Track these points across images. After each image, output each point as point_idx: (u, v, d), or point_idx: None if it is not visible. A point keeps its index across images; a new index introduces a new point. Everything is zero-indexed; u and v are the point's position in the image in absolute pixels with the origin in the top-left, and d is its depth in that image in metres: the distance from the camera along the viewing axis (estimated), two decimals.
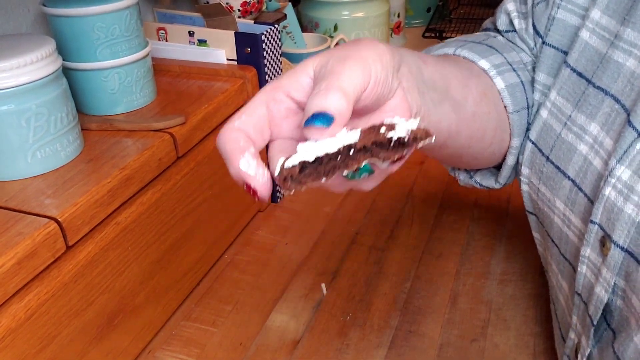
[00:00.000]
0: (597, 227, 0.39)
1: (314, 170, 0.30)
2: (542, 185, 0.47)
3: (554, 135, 0.46)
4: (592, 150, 0.42)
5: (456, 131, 0.46)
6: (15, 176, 0.51)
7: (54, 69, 0.50)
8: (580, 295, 0.42)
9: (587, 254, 0.40)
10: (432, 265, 0.66)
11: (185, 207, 0.60)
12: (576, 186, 0.43)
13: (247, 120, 0.34)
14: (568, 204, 0.44)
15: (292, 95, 0.34)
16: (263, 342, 0.58)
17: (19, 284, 0.43)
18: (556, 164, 0.45)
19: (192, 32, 0.73)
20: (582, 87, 0.44)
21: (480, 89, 0.49)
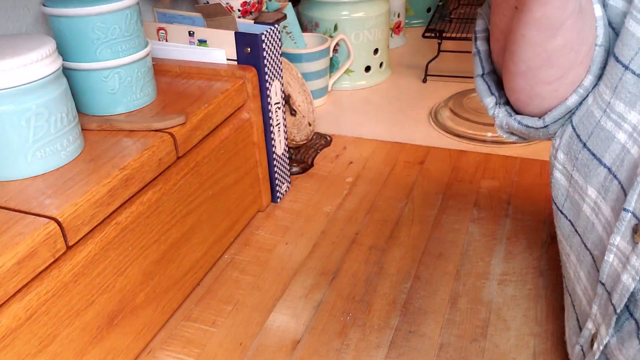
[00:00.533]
0: (630, 215, 0.39)
1: None
2: (575, 171, 0.47)
3: (593, 121, 0.45)
4: (631, 139, 0.41)
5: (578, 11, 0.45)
6: (15, 176, 0.51)
7: (54, 69, 0.50)
8: (604, 284, 0.42)
9: (617, 242, 0.41)
10: (432, 266, 0.66)
11: (185, 207, 0.60)
12: (611, 174, 0.43)
13: None
14: (601, 191, 0.44)
15: None
16: (263, 342, 0.58)
17: (19, 284, 0.43)
18: (593, 151, 0.45)
19: (192, 32, 0.73)
20: (619, 73, 0.43)
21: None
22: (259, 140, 0.73)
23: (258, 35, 0.68)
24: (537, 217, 0.72)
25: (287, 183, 0.81)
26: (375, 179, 0.83)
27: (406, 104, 1.05)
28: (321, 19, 1.07)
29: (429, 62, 1.13)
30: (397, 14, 1.25)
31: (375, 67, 1.13)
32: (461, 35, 1.16)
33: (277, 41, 0.72)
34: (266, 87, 0.71)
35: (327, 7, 1.06)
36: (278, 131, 0.76)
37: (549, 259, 0.66)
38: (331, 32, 1.07)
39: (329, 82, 1.08)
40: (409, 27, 1.39)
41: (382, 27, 1.10)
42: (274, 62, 0.72)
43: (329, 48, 1.02)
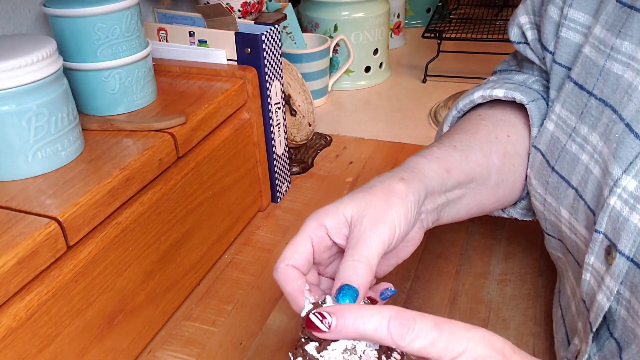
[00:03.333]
0: (602, 236, 0.40)
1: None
2: (548, 195, 0.48)
3: (559, 146, 0.47)
4: (592, 160, 0.42)
5: (479, 207, 0.52)
6: (16, 176, 0.51)
7: (55, 69, 0.51)
8: (584, 302, 0.43)
9: (592, 262, 0.41)
10: (432, 265, 0.66)
11: (185, 207, 0.60)
12: (578, 195, 0.44)
13: (298, 257, 0.41)
14: (572, 212, 0.45)
15: (331, 236, 0.42)
16: (263, 342, 0.58)
17: (19, 284, 0.43)
18: (560, 173, 0.46)
19: (193, 32, 0.73)
20: (584, 99, 0.45)
21: (501, 152, 0.52)
22: (259, 140, 0.73)
23: (258, 35, 0.68)
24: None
25: (287, 183, 0.81)
26: None
27: (406, 104, 1.05)
28: (321, 19, 1.07)
29: (428, 63, 1.13)
30: (396, 14, 1.25)
31: (375, 67, 1.13)
32: (461, 35, 1.16)
33: (277, 41, 0.72)
34: (266, 87, 0.71)
35: (327, 8, 1.06)
36: (278, 131, 0.76)
37: (548, 259, 0.66)
38: (331, 33, 1.07)
39: (329, 82, 1.08)
40: (408, 28, 1.39)
41: (382, 28, 1.10)
42: (274, 62, 0.72)
43: (329, 48, 1.02)
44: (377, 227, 0.40)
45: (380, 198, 0.42)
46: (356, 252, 0.39)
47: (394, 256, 0.46)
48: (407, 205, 0.42)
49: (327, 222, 0.42)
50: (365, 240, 0.39)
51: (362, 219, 0.41)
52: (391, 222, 0.41)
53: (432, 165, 0.47)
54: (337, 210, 0.42)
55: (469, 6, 1.43)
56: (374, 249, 0.39)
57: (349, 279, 0.38)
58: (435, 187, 0.46)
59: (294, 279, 0.40)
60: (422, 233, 0.46)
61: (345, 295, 0.37)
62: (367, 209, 0.41)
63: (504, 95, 0.53)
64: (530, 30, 0.54)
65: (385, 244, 0.40)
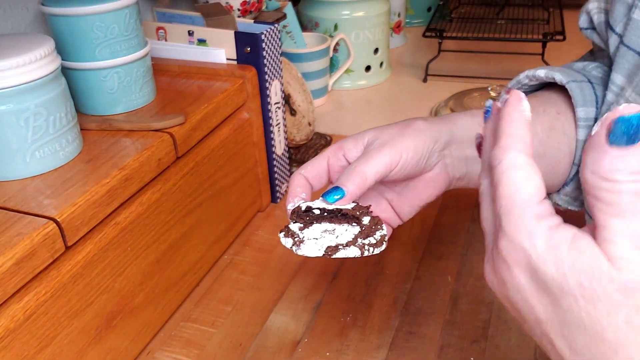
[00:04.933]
0: None
1: (312, 214, 0.43)
2: None
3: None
4: None
5: None
6: (13, 176, 0.51)
7: (53, 68, 0.50)
8: None
9: None
10: (433, 266, 0.66)
11: (184, 207, 0.60)
12: None
13: (311, 169, 0.48)
14: None
15: (347, 156, 0.48)
16: (263, 343, 0.57)
17: (17, 285, 0.42)
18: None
19: (192, 31, 0.73)
20: None
21: (547, 124, 0.51)
22: (259, 140, 0.73)
23: (258, 34, 0.68)
24: None
25: (287, 183, 0.81)
26: None
27: (406, 103, 1.05)
28: (321, 19, 1.07)
29: (429, 62, 1.13)
30: (397, 13, 1.25)
31: (376, 66, 1.12)
32: (462, 34, 1.16)
33: (277, 41, 0.72)
34: (266, 86, 0.71)
35: (327, 7, 1.06)
36: (278, 131, 0.76)
37: None
38: (331, 32, 1.07)
39: (329, 82, 1.08)
40: (409, 27, 1.39)
41: (383, 27, 1.10)
42: (274, 61, 0.72)
43: (329, 47, 1.02)
44: (382, 149, 0.44)
45: (397, 128, 0.46)
46: (355, 163, 0.44)
47: (416, 196, 0.49)
48: (421, 138, 0.45)
49: (345, 145, 0.47)
50: (368, 156, 0.44)
51: (374, 141, 0.46)
52: (398, 147, 0.44)
53: (465, 117, 0.49)
54: (357, 136, 0.48)
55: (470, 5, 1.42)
56: (374, 164, 0.44)
57: (341, 182, 0.43)
58: (463, 136, 0.48)
59: (297, 185, 0.46)
60: (447, 179, 0.48)
61: (332, 193, 0.43)
62: (381, 134, 0.46)
63: (545, 75, 0.52)
64: (597, 14, 0.53)
65: (387, 164, 0.44)
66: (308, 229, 0.43)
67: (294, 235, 0.42)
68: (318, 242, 0.41)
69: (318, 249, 0.41)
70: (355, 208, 0.43)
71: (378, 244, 0.41)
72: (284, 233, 0.43)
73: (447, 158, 0.48)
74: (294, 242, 0.42)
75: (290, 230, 0.43)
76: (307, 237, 0.42)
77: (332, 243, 0.41)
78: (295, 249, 0.42)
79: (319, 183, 0.47)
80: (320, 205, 0.43)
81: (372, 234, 0.42)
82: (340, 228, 0.42)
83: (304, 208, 0.43)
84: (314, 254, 0.41)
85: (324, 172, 0.48)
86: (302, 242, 0.42)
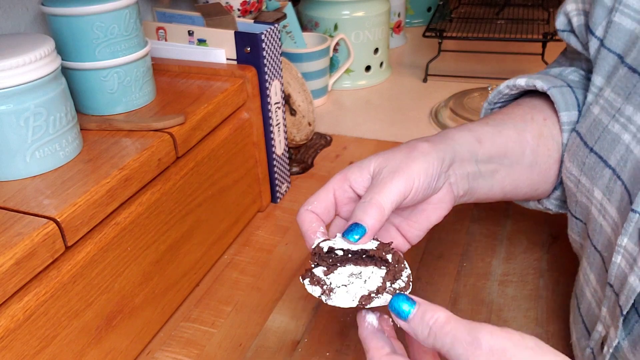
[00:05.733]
0: (638, 216, 0.39)
1: (335, 255, 0.41)
2: (583, 175, 0.48)
3: (601, 127, 0.47)
4: (635, 139, 0.42)
5: (514, 187, 0.52)
6: (13, 176, 0.51)
7: (53, 68, 0.50)
8: (612, 286, 0.42)
9: (624, 244, 0.40)
10: (433, 266, 0.66)
11: (184, 207, 0.60)
12: (615, 174, 0.43)
13: (318, 205, 0.45)
14: (606, 193, 0.44)
15: (354, 188, 0.45)
16: (263, 343, 0.57)
17: (17, 285, 0.42)
18: (599, 153, 0.46)
19: (192, 31, 0.73)
20: (634, 81, 0.44)
21: (536, 132, 0.52)
22: (259, 140, 0.73)
23: (258, 34, 0.68)
24: (538, 218, 0.72)
25: (287, 183, 0.81)
26: None
27: (406, 103, 1.05)
28: (321, 19, 1.07)
29: (429, 62, 1.13)
30: (397, 13, 1.25)
31: (376, 66, 1.12)
32: (462, 34, 1.16)
33: (277, 41, 0.72)
34: (266, 86, 0.71)
35: (327, 7, 1.06)
36: (278, 131, 0.76)
37: (550, 260, 0.66)
38: (331, 32, 1.07)
39: (329, 82, 1.08)
40: (409, 27, 1.39)
41: (383, 27, 1.10)
42: (274, 61, 0.72)
43: (329, 47, 1.02)
44: (394, 176, 0.43)
45: (403, 153, 0.45)
46: (369, 195, 0.42)
47: (425, 219, 0.47)
48: (429, 161, 0.44)
49: (351, 175, 0.45)
50: (381, 186, 0.42)
51: (383, 170, 0.44)
52: (409, 173, 0.43)
53: (462, 133, 0.49)
54: (362, 164, 0.46)
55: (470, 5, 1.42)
56: (388, 194, 0.42)
57: (359, 218, 0.41)
58: (464, 153, 0.48)
59: (310, 221, 0.44)
60: (453, 198, 0.48)
61: (353, 232, 0.40)
62: (388, 161, 0.44)
63: (526, 83, 0.53)
64: (576, 17, 0.54)
65: (402, 192, 0.42)
66: (334, 274, 0.40)
67: (320, 282, 0.39)
68: (349, 291, 0.38)
69: (352, 300, 0.38)
70: (379, 247, 0.41)
71: (406, 287, 0.39)
72: (309, 280, 0.40)
73: (452, 177, 0.47)
74: (323, 291, 0.39)
75: (315, 276, 0.40)
76: (336, 284, 0.39)
77: (363, 290, 0.38)
78: (325, 298, 0.39)
79: (327, 218, 0.45)
80: (342, 245, 0.40)
81: (399, 275, 0.40)
82: (367, 270, 0.40)
83: (326, 249, 0.41)
84: (347, 305, 0.38)
85: (332, 205, 0.46)
86: (331, 291, 0.39)
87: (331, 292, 0.38)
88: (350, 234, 0.40)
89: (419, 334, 0.34)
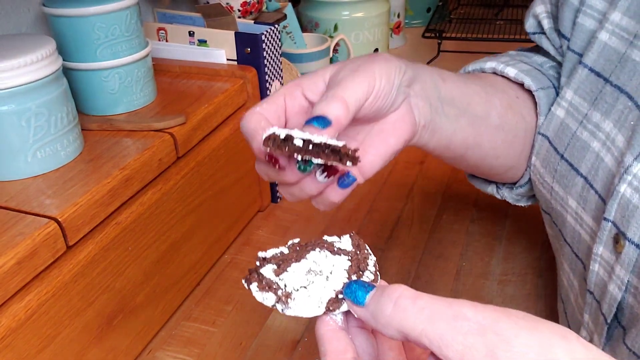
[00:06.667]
0: (610, 225, 0.39)
1: (292, 144, 0.33)
2: (555, 183, 0.47)
3: (569, 133, 0.46)
4: (604, 147, 0.42)
5: (475, 143, 0.49)
6: (15, 176, 0.51)
7: (54, 69, 0.50)
8: (592, 293, 0.42)
9: (600, 252, 0.40)
10: (432, 266, 0.66)
11: (185, 207, 0.60)
12: (588, 183, 0.43)
13: (267, 107, 0.39)
14: (580, 201, 0.44)
15: (306, 94, 0.40)
16: (263, 342, 0.58)
17: (19, 284, 0.43)
18: (570, 161, 0.45)
19: (192, 32, 0.73)
20: (599, 86, 0.44)
21: (505, 102, 0.50)
22: None
23: (258, 35, 0.68)
24: (537, 217, 0.72)
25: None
26: (375, 179, 0.83)
27: None
28: (321, 19, 1.07)
29: (428, 62, 1.13)
30: (396, 14, 1.25)
31: None
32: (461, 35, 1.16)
33: (277, 41, 0.72)
34: (266, 87, 0.71)
35: (327, 7, 1.06)
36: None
37: (549, 259, 0.66)
38: (331, 32, 1.07)
39: None
40: (408, 27, 1.39)
41: (382, 27, 1.10)
42: (274, 62, 0.72)
43: (329, 48, 1.02)
44: (355, 74, 0.38)
45: (363, 58, 0.41)
46: (331, 92, 0.37)
47: (382, 142, 0.41)
48: (390, 66, 0.40)
49: (304, 81, 0.40)
50: (343, 84, 0.37)
51: (340, 72, 0.39)
52: (371, 72, 0.38)
53: (425, 66, 0.46)
54: (316, 72, 0.41)
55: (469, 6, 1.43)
56: (351, 90, 0.37)
57: (322, 111, 0.35)
58: (427, 79, 0.44)
59: (257, 121, 0.38)
60: (413, 123, 0.42)
61: (315, 120, 0.35)
62: (346, 65, 0.40)
63: (514, 76, 0.52)
64: (546, 19, 0.53)
65: (364, 90, 0.37)
66: (287, 273, 0.31)
67: (272, 287, 0.30)
68: (312, 294, 0.30)
69: (317, 306, 0.30)
70: (345, 146, 0.33)
71: (375, 279, 0.31)
72: (257, 284, 0.31)
73: (412, 97, 0.42)
74: (279, 298, 0.30)
75: (264, 278, 0.31)
76: (293, 287, 0.30)
77: (328, 291, 0.30)
78: (282, 308, 0.30)
79: (277, 123, 0.39)
80: (302, 135, 0.33)
81: (364, 265, 0.32)
82: (325, 262, 0.31)
83: (283, 136, 0.33)
84: (312, 314, 0.30)
85: (282, 110, 0.40)
86: (289, 297, 0.30)
87: (289, 299, 0.30)
88: (312, 122, 0.35)
89: (380, 314, 0.26)
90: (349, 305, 0.29)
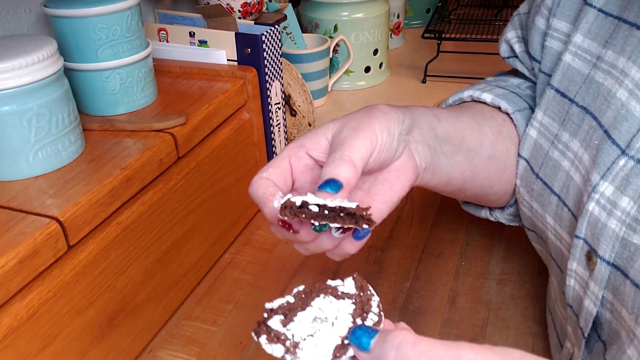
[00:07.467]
0: (582, 242, 0.40)
1: (308, 211, 0.36)
2: (534, 202, 0.49)
3: (542, 153, 0.47)
4: (573, 166, 0.43)
5: (472, 176, 0.50)
6: (16, 176, 0.51)
7: (56, 69, 0.51)
8: (572, 307, 0.43)
9: (574, 268, 0.41)
10: (432, 265, 0.66)
11: (186, 207, 0.61)
12: (561, 201, 0.44)
13: (274, 172, 0.40)
14: (556, 219, 0.45)
15: (311, 154, 0.42)
16: None
17: (20, 284, 0.43)
18: (544, 180, 0.47)
19: (193, 32, 0.73)
20: (565, 107, 0.46)
21: (495, 129, 0.52)
22: (259, 140, 0.73)
23: (258, 35, 0.69)
24: None
25: None
26: None
27: (405, 104, 1.05)
28: (321, 20, 1.07)
29: (428, 63, 1.13)
30: (396, 14, 1.25)
31: (375, 67, 1.13)
32: (460, 36, 1.16)
33: (277, 42, 0.72)
34: (266, 87, 0.71)
35: (327, 8, 1.06)
36: (278, 131, 0.76)
37: None
38: (331, 33, 1.07)
39: (329, 83, 1.08)
40: (408, 28, 1.39)
41: (382, 28, 1.10)
42: (274, 62, 0.72)
43: (328, 48, 1.02)
44: (357, 133, 0.39)
45: (361, 114, 0.42)
46: (337, 153, 0.38)
47: (388, 190, 0.43)
48: (389, 119, 0.42)
49: (306, 141, 0.42)
50: (347, 144, 0.39)
51: (342, 130, 0.40)
52: (372, 129, 0.40)
53: (421, 108, 0.48)
54: (318, 130, 0.42)
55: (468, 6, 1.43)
56: (356, 149, 0.38)
57: (332, 174, 0.37)
58: (423, 123, 0.46)
59: (266, 187, 0.39)
60: (415, 167, 0.44)
61: (327, 185, 0.36)
62: (347, 122, 0.41)
63: (491, 101, 0.53)
64: (517, 44, 0.55)
65: (368, 148, 0.39)
66: (293, 322, 0.32)
67: (280, 338, 0.32)
68: (319, 343, 0.31)
69: (325, 355, 0.31)
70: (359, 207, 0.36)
71: (380, 320, 0.33)
72: (267, 337, 0.32)
73: (412, 143, 0.44)
74: (287, 349, 0.32)
75: (272, 330, 0.32)
76: (300, 336, 0.32)
77: (334, 338, 0.32)
78: (291, 358, 0.32)
79: (284, 186, 0.41)
80: (316, 200, 0.35)
81: (368, 307, 0.33)
82: (330, 308, 0.33)
83: (299, 203, 0.35)
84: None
85: (288, 172, 0.41)
86: (297, 347, 0.32)
87: (297, 349, 0.31)
88: (325, 187, 0.36)
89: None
90: (354, 351, 0.31)
